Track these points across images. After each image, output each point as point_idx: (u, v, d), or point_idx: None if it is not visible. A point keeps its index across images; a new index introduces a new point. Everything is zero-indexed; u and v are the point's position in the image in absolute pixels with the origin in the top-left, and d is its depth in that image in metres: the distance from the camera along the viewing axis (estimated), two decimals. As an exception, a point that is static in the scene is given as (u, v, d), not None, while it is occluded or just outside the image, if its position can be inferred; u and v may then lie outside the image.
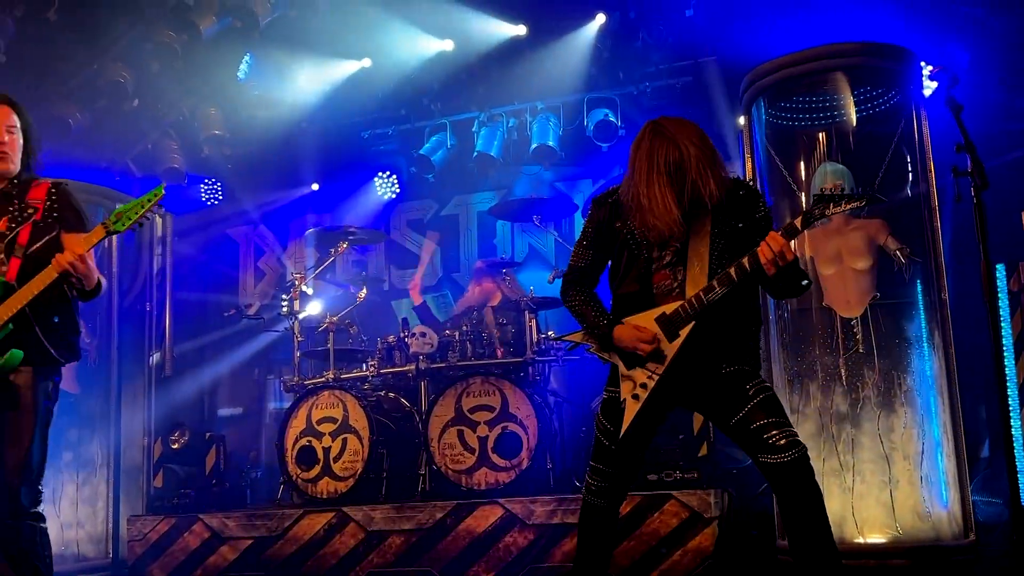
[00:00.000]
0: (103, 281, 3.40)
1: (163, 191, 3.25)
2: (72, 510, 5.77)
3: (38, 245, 3.29)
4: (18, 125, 3.41)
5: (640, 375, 3.06)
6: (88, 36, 6.43)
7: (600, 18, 6.73)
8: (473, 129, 7.58)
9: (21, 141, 3.42)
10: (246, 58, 6.99)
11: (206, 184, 8.14)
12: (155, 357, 6.52)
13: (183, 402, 7.24)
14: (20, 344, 3.19)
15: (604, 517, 3.22)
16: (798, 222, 2.89)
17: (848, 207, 2.84)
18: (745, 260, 2.91)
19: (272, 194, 8.39)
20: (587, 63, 6.96)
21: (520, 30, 6.81)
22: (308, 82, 7.25)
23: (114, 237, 6.16)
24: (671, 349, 3.00)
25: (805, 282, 3.04)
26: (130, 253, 6.44)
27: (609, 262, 3.24)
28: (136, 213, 3.22)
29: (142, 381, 6.40)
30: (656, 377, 3.02)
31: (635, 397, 3.05)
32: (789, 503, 2.91)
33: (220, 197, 8.23)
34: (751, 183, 4.13)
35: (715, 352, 3.04)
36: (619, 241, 3.14)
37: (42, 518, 3.29)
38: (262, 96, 7.18)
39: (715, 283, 2.95)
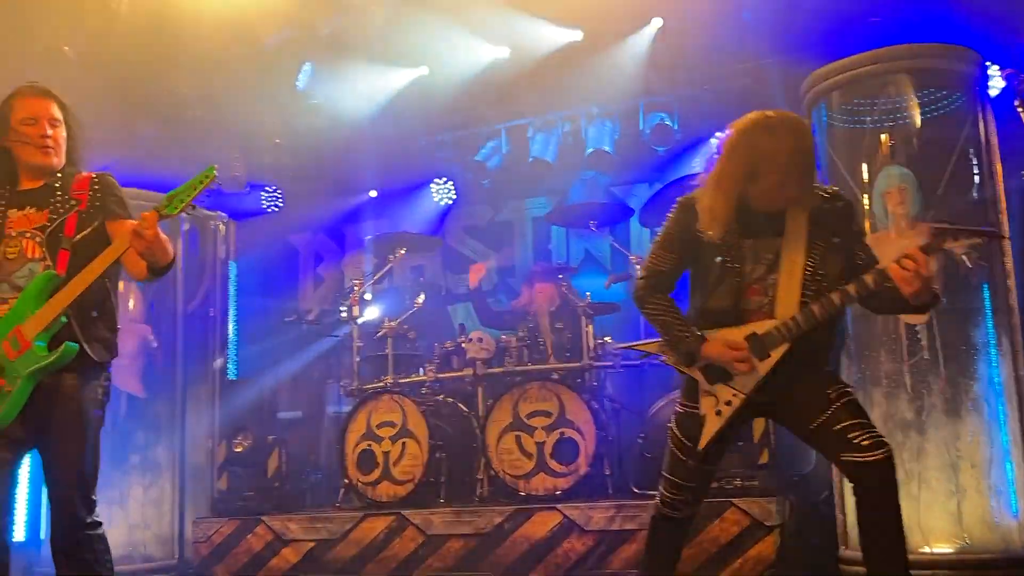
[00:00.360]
0: (175, 255, 3.20)
1: (215, 172, 3.03)
2: (140, 511, 5.91)
3: (85, 233, 3.17)
4: (62, 119, 3.32)
5: (725, 392, 2.98)
6: (154, 48, 6.60)
7: (656, 22, 6.70)
8: (528, 135, 7.60)
9: (65, 135, 3.33)
10: (305, 67, 7.10)
11: (267, 192, 8.30)
12: (219, 361, 6.65)
13: (245, 405, 7.37)
14: (57, 343, 3.05)
15: (677, 528, 3.18)
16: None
17: (968, 243, 2.72)
18: (869, 278, 2.79)
19: (330, 201, 8.51)
20: (644, 67, 6.92)
21: (576, 35, 6.80)
22: (365, 90, 7.33)
23: (179, 242, 6.36)
24: (761, 368, 2.91)
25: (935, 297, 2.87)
26: (194, 259, 6.58)
27: (690, 270, 3.11)
28: (188, 195, 3.01)
29: (206, 385, 6.53)
30: (742, 396, 2.95)
31: (718, 413, 2.97)
32: (869, 502, 2.84)
33: (280, 204, 8.38)
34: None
35: (801, 368, 2.94)
36: (705, 248, 2.99)
37: (98, 524, 3.18)
38: (320, 105, 7.28)
39: (815, 310, 2.84)
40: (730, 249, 2.96)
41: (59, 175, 3.30)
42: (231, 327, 6.84)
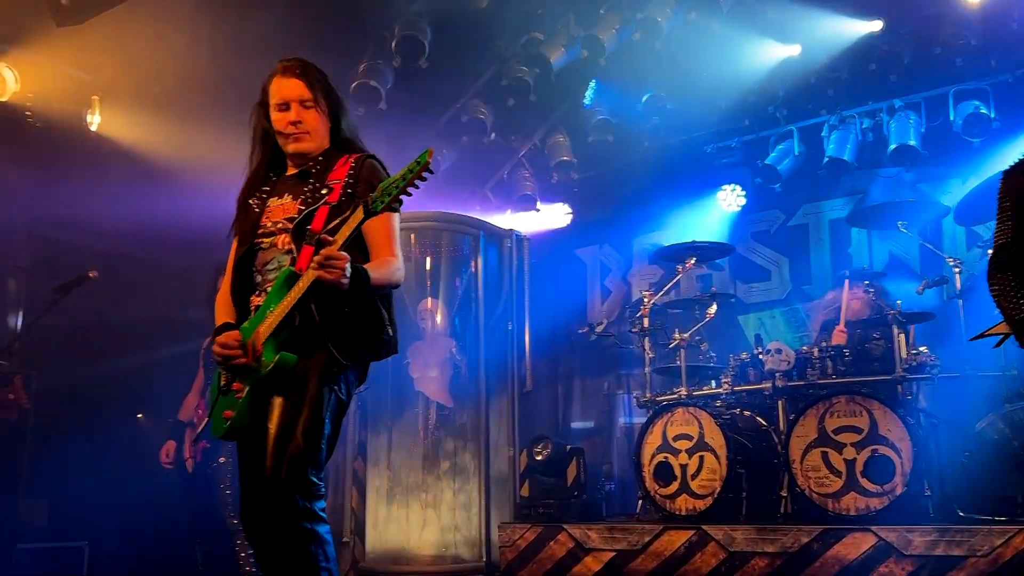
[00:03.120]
0: (375, 274, 2.77)
1: (428, 157, 2.56)
2: (450, 515, 6.28)
3: (334, 227, 2.76)
4: (314, 98, 3.00)
5: None
6: (453, 79, 7.04)
7: (968, 1, 6.15)
8: (822, 134, 7.23)
9: (322, 115, 3.03)
10: (592, 84, 7.24)
11: (556, 208, 8.55)
12: (518, 372, 6.91)
13: (540, 415, 7.60)
14: (302, 335, 2.78)
15: None
16: None
17: None
18: None
19: (617, 214, 8.58)
20: (951, 53, 6.39)
21: (875, 26, 6.42)
22: (650, 101, 7.35)
23: (479, 259, 6.71)
24: None
25: None
26: (493, 275, 6.91)
27: None
28: (396, 188, 2.57)
29: (506, 395, 6.82)
30: None
31: None
32: None
33: (569, 220, 8.60)
34: None
35: None
36: None
37: (315, 517, 2.70)
38: (606, 120, 7.39)
39: None
40: None
41: (319, 158, 3.04)
42: (527, 339, 7.08)
